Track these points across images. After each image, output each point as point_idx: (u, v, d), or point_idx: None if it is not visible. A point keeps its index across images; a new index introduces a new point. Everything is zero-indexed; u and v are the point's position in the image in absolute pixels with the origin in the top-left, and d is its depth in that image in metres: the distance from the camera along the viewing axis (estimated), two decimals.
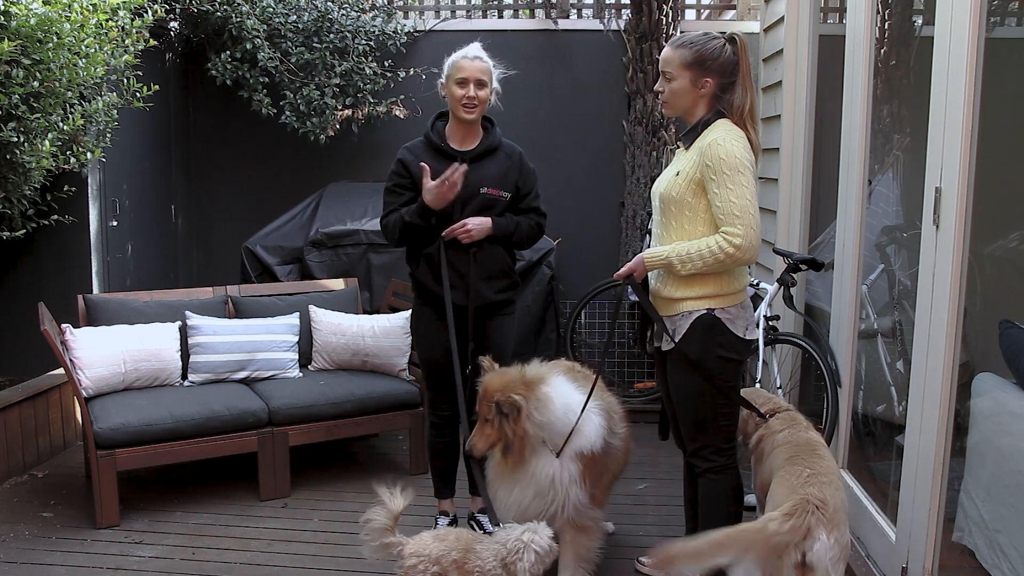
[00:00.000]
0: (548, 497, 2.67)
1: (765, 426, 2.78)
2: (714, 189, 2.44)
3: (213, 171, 5.53)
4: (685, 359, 2.55)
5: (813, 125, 3.96)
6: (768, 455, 2.65)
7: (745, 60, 2.54)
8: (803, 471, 2.37)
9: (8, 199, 3.65)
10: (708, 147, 2.45)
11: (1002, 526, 2.48)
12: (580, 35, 5.30)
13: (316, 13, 4.94)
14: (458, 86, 2.99)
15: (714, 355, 2.53)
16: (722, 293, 2.54)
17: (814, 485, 2.28)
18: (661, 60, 2.61)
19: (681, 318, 2.56)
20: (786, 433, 2.66)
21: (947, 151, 2.41)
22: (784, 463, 2.47)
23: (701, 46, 2.52)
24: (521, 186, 3.14)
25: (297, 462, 3.85)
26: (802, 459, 2.45)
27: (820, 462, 2.43)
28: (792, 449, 2.54)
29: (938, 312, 2.47)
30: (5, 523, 3.44)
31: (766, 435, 2.74)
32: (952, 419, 2.49)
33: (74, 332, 3.62)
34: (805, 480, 2.32)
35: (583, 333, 4.92)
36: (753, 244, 2.42)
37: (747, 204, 2.42)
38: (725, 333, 2.53)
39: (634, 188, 5.07)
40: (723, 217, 2.43)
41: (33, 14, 3.30)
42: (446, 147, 3.06)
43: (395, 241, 3.10)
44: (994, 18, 3.54)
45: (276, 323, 4.06)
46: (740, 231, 2.40)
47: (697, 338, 2.53)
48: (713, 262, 2.44)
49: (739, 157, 2.43)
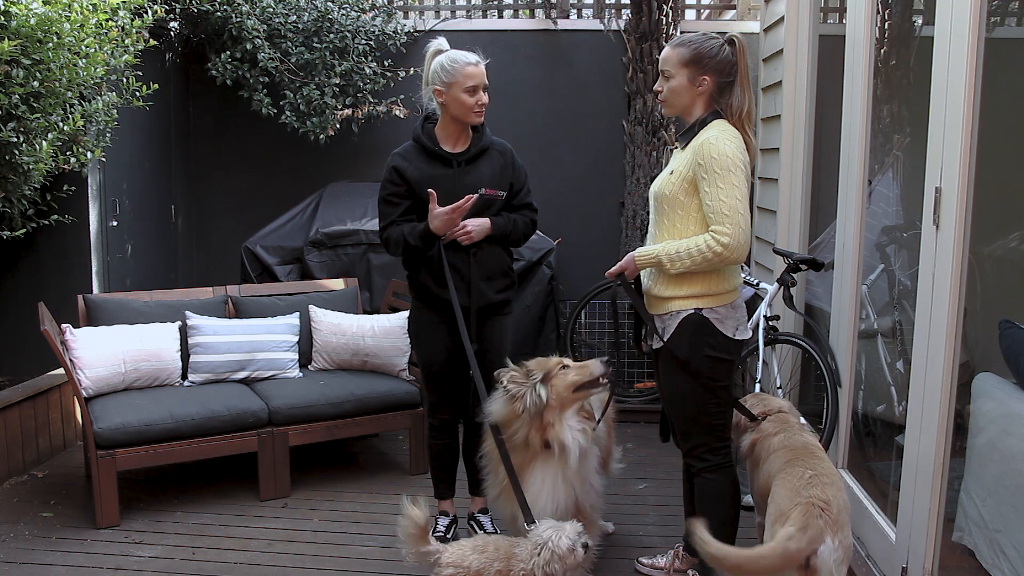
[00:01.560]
0: (579, 491, 2.74)
1: (757, 429, 2.75)
2: (705, 188, 2.46)
3: (213, 171, 5.53)
4: (674, 358, 2.56)
5: (813, 125, 3.96)
6: (765, 460, 2.62)
7: (743, 62, 2.56)
8: (804, 472, 2.36)
9: (8, 199, 3.65)
10: (701, 146, 2.47)
11: (1002, 526, 2.48)
12: (580, 35, 5.30)
13: (316, 13, 4.94)
14: (468, 94, 2.95)
15: (702, 354, 2.54)
16: (710, 293, 2.54)
17: (816, 487, 2.27)
18: (660, 59, 2.63)
19: (670, 317, 2.57)
20: (781, 437, 2.64)
21: (947, 151, 2.41)
22: (784, 466, 2.46)
23: (699, 44, 2.55)
24: (514, 183, 3.13)
25: (297, 462, 3.85)
26: (802, 461, 2.43)
27: (820, 463, 2.42)
28: (790, 452, 2.53)
29: (938, 312, 2.47)
30: (5, 523, 3.44)
31: (760, 439, 2.70)
32: (952, 419, 2.49)
33: (74, 332, 3.62)
34: (807, 482, 2.31)
35: (583, 333, 4.92)
36: (741, 244, 2.43)
37: (736, 204, 2.42)
38: (714, 333, 2.54)
39: (634, 188, 5.07)
40: (712, 216, 2.44)
41: (33, 14, 3.30)
42: (439, 150, 3.03)
43: (396, 254, 3.11)
44: (994, 18, 3.54)
45: (276, 323, 4.06)
46: (729, 231, 2.41)
47: (685, 337, 2.55)
48: (701, 261, 2.45)
49: (731, 157, 2.44)
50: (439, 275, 3.00)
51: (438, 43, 3.05)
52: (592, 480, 2.83)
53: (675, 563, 2.98)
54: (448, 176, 3.01)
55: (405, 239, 3.00)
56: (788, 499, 2.27)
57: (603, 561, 3.10)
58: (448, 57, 2.98)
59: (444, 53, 3.00)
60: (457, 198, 2.95)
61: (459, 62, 2.96)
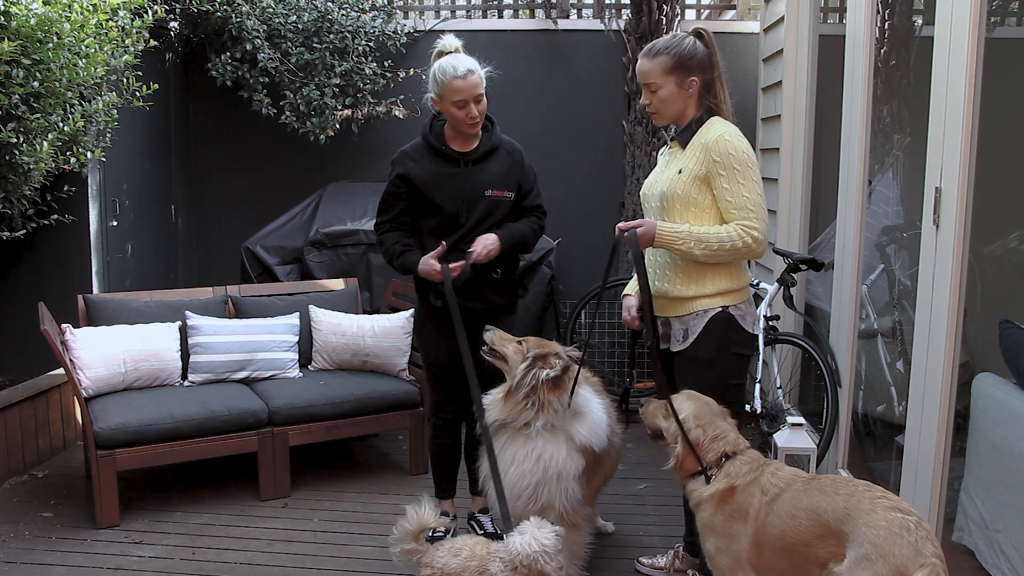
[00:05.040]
0: (550, 486, 2.65)
1: (727, 474, 2.24)
2: (723, 184, 2.44)
3: (213, 171, 5.53)
4: (698, 359, 2.53)
5: (813, 125, 3.96)
6: (766, 512, 2.14)
7: (716, 53, 2.55)
8: (905, 520, 1.87)
9: (8, 199, 3.65)
10: (715, 142, 2.45)
11: (1002, 526, 2.48)
12: (580, 35, 5.30)
13: (316, 13, 4.94)
14: (457, 108, 2.87)
15: (729, 352, 2.52)
16: (735, 289, 2.53)
17: (929, 540, 1.86)
18: (640, 73, 2.57)
19: (695, 318, 2.54)
20: (800, 485, 2.12)
21: (947, 151, 2.41)
22: (860, 515, 1.92)
23: (677, 48, 2.51)
24: (523, 184, 3.09)
25: (297, 462, 3.85)
26: (882, 503, 1.93)
27: (899, 502, 1.97)
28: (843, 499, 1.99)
29: (938, 312, 2.47)
30: (5, 523, 3.44)
31: (740, 486, 2.20)
32: (952, 419, 2.49)
33: (74, 332, 3.62)
34: (915, 531, 1.86)
35: (583, 333, 4.92)
36: (766, 238, 2.45)
37: (759, 199, 2.44)
38: (739, 330, 2.53)
39: (634, 188, 5.07)
40: (736, 212, 2.43)
41: (33, 14, 3.30)
42: (447, 150, 3.00)
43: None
44: (994, 18, 3.54)
45: (276, 323, 4.06)
46: (756, 224, 2.42)
47: (714, 337, 2.51)
48: (730, 250, 2.43)
49: (747, 153, 2.45)
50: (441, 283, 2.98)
51: (443, 43, 2.96)
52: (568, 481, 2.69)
53: (675, 563, 2.98)
54: (455, 175, 2.99)
55: (392, 259, 3.02)
56: (901, 554, 1.82)
57: (603, 561, 3.10)
58: (439, 67, 2.88)
59: (441, 59, 2.91)
60: (464, 196, 2.94)
61: (447, 74, 2.84)
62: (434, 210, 2.99)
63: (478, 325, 3.01)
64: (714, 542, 2.24)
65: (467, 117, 2.89)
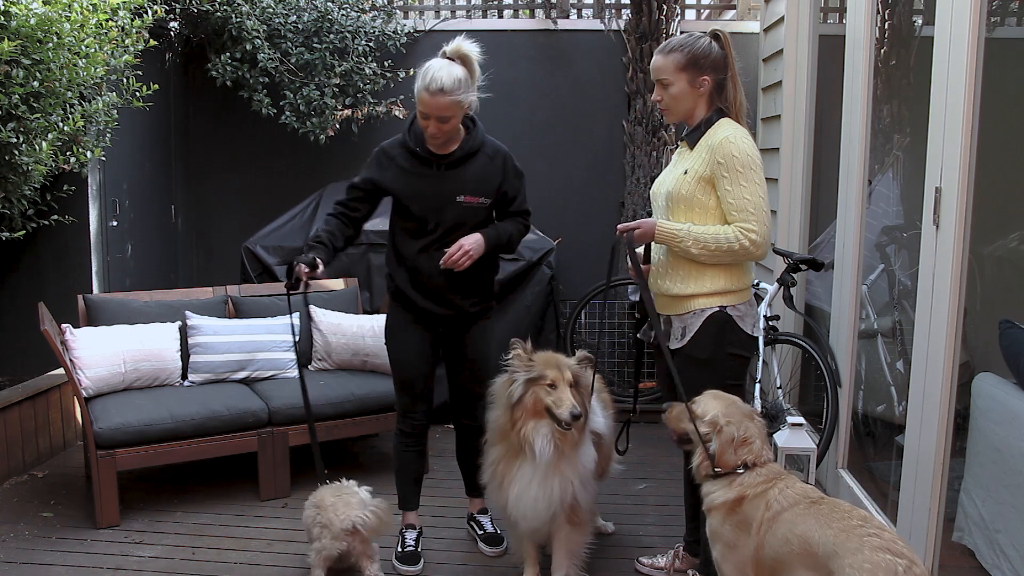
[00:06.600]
0: (575, 486, 2.70)
1: (741, 483, 2.20)
2: (726, 186, 2.44)
3: (213, 171, 5.53)
4: (695, 358, 2.53)
5: (813, 125, 3.96)
6: (767, 528, 2.11)
7: (732, 54, 2.55)
8: (894, 563, 1.79)
9: (8, 199, 3.65)
10: (720, 144, 2.45)
11: (1002, 526, 2.48)
12: (580, 35, 5.30)
13: (316, 13, 4.94)
14: (422, 116, 2.78)
15: (725, 353, 2.52)
16: (734, 289, 2.53)
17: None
18: (653, 69, 2.59)
19: (692, 316, 2.54)
20: (802, 508, 2.07)
21: (947, 151, 2.41)
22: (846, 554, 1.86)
23: (691, 46, 2.52)
24: (508, 190, 2.97)
25: (297, 462, 3.85)
26: (871, 543, 1.86)
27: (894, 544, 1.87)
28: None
29: (938, 312, 2.47)
30: (5, 523, 3.44)
31: (749, 497, 2.17)
32: (952, 419, 2.49)
33: (74, 332, 3.62)
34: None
35: (583, 333, 4.92)
36: (767, 241, 2.45)
37: (760, 201, 2.43)
38: (736, 331, 2.53)
39: (634, 188, 5.08)
40: (736, 213, 2.43)
41: (33, 14, 3.30)
42: (422, 151, 2.87)
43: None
44: (994, 18, 3.54)
45: (276, 323, 4.06)
46: (756, 227, 2.42)
47: (710, 336, 2.52)
48: (727, 251, 2.44)
49: (751, 155, 2.45)
50: (414, 280, 2.94)
51: (449, 47, 2.85)
52: (579, 486, 2.71)
53: (675, 563, 2.98)
54: (428, 177, 2.89)
55: (309, 238, 3.07)
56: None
57: (603, 561, 3.10)
58: (424, 68, 2.78)
59: (432, 61, 2.80)
60: (437, 201, 2.87)
61: (423, 80, 2.74)
62: (408, 212, 2.93)
63: (449, 331, 3.01)
64: (720, 550, 2.24)
65: (427, 130, 2.80)
